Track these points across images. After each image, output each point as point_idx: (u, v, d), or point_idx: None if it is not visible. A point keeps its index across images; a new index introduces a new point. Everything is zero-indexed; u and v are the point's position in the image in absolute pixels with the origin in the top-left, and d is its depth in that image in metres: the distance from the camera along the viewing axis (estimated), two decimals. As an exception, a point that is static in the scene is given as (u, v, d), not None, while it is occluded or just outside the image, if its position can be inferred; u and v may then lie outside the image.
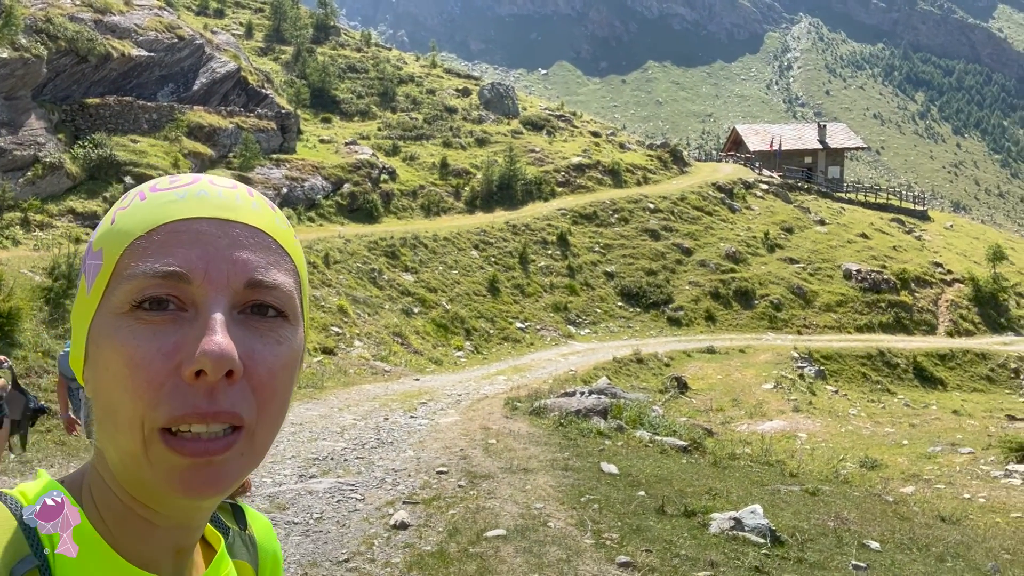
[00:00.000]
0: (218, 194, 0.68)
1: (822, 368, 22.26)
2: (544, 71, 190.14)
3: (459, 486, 7.01)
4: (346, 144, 32.98)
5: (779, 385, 18.75)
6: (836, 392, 20.51)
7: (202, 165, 24.77)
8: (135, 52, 25.97)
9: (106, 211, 0.85)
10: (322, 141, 33.30)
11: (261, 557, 0.85)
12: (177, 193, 0.67)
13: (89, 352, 0.66)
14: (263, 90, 32.76)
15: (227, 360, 0.60)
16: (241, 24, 46.02)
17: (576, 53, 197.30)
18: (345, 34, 52.80)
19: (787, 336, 26.51)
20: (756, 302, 28.90)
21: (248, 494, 0.84)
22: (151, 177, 17.88)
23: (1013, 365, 24.62)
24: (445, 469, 7.66)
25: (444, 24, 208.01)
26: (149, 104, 25.37)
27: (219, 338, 0.60)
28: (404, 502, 6.51)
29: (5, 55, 19.03)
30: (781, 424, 15.41)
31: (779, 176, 44.94)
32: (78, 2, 25.49)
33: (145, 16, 27.96)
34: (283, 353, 0.66)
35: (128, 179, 21.21)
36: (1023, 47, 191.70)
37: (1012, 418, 16.59)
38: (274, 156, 28.30)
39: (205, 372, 0.60)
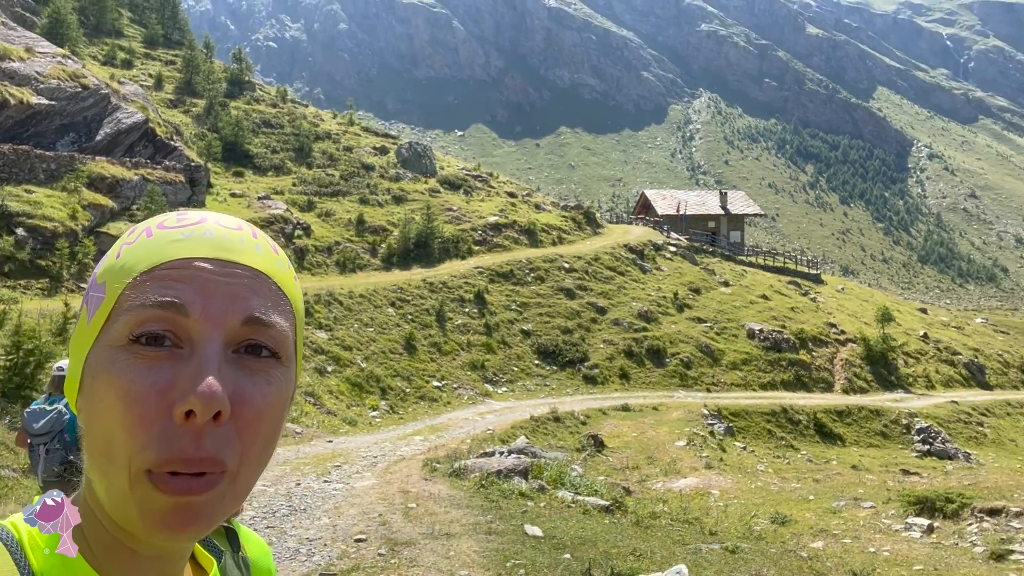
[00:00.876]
0: (223, 236, 0.69)
1: (731, 425, 22.90)
2: (460, 132, 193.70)
3: (379, 554, 6.71)
4: (259, 199, 32.30)
5: (691, 442, 19.12)
6: (744, 448, 21.08)
7: (102, 217, 23.63)
8: (35, 100, 24.83)
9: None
10: (233, 195, 32.49)
11: None
12: (183, 232, 0.68)
13: (84, 382, 0.66)
14: (172, 142, 31.84)
15: (216, 403, 0.62)
16: (151, 75, 44.89)
17: (492, 116, 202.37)
18: (260, 89, 52.32)
19: (697, 393, 27.22)
20: (667, 360, 29.67)
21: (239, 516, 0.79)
22: (45, 229, 16.72)
23: (904, 421, 26.09)
24: (363, 537, 7.34)
25: (361, 83, 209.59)
26: (47, 153, 24.16)
27: (211, 380, 0.62)
28: (321, 574, 6.17)
29: None
30: (695, 481, 15.66)
31: (686, 239, 46.95)
32: (-27, 45, 24.30)
33: (47, 64, 26.88)
34: (271, 393, 0.67)
35: (20, 231, 19.94)
36: (900, 125, 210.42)
37: (907, 472, 17.48)
38: (182, 209, 27.33)
39: (194, 413, 0.62)
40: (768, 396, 27.75)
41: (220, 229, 0.69)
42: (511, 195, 46.11)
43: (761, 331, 32.67)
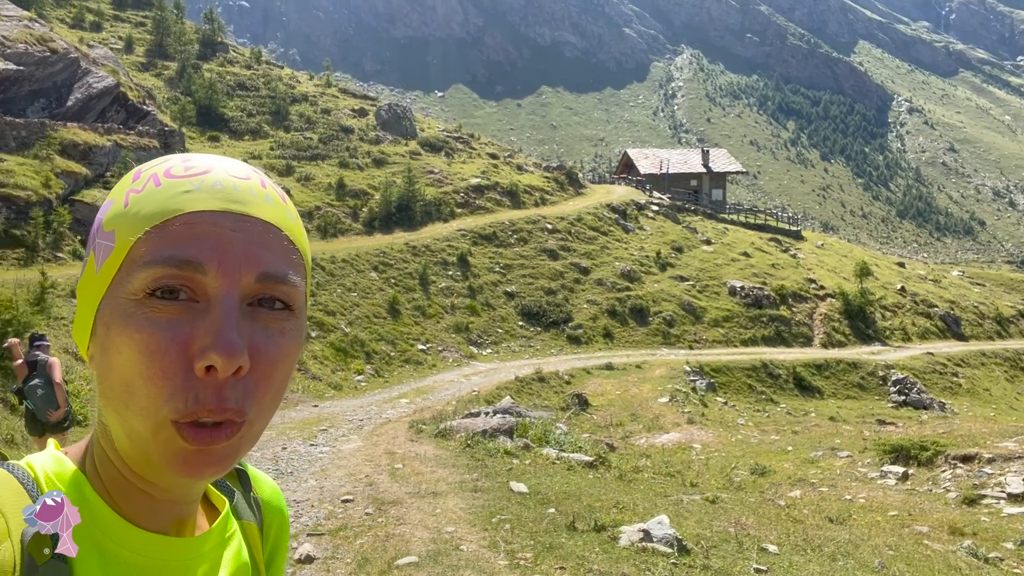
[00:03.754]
0: (233, 186, 0.70)
1: (712, 381, 23.26)
2: (440, 93, 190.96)
3: (366, 514, 6.82)
4: (236, 164, 31.81)
5: (674, 399, 19.42)
6: (725, 403, 21.46)
7: (76, 184, 23.21)
8: (2, 66, 24.14)
9: None
10: (210, 160, 31.96)
11: (267, 517, 0.89)
12: (192, 183, 0.68)
13: (98, 331, 0.68)
14: (144, 107, 31.17)
15: (236, 359, 0.64)
16: (120, 38, 43.68)
17: (472, 77, 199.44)
18: (234, 51, 51.11)
19: (680, 351, 27.56)
20: (650, 319, 29.92)
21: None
22: (18, 199, 16.38)
23: (881, 373, 26.62)
24: (350, 497, 7.44)
25: (337, 44, 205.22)
26: (17, 120, 23.58)
27: (231, 335, 0.64)
28: (308, 534, 6.27)
29: None
30: (677, 436, 15.95)
31: (668, 198, 46.95)
32: (-68, 8, 23.48)
33: (13, 28, 26.07)
34: (286, 345, 0.69)
35: (-9, 199, 19.56)
36: (881, 79, 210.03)
37: (882, 422, 17.90)
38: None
39: (215, 368, 0.63)
40: (749, 352, 28.15)
41: (230, 179, 0.70)
42: (493, 156, 45.75)
43: (742, 288, 32.98)
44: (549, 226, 34.34)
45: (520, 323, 27.69)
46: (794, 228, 48.82)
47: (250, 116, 40.64)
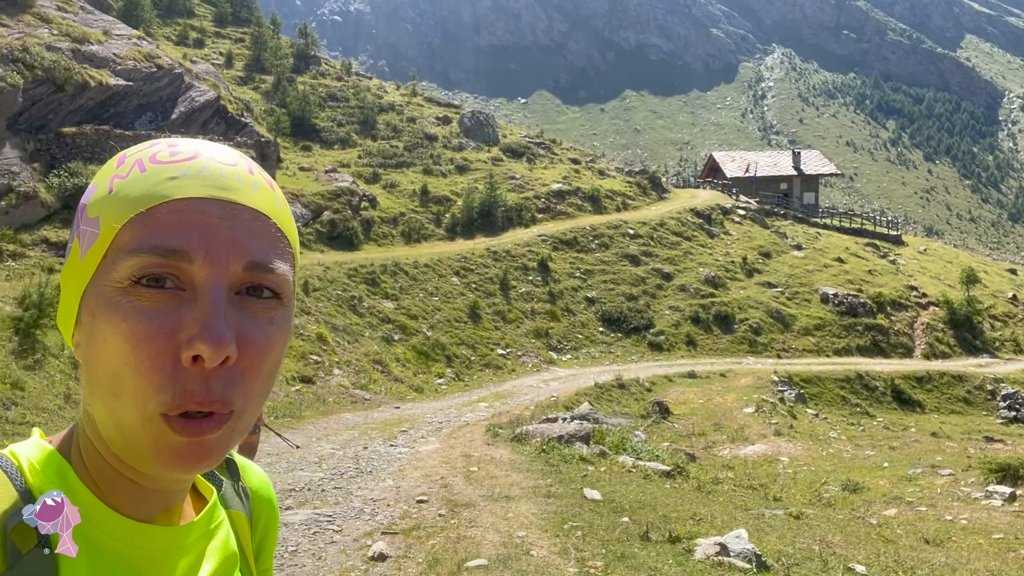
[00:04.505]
0: (220, 173, 0.68)
1: (802, 392, 22.33)
2: (523, 100, 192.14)
3: (439, 515, 6.88)
4: (326, 172, 32.95)
5: (760, 409, 18.75)
6: (816, 415, 20.55)
7: (180, 193, 24.57)
8: (113, 81, 25.86)
9: None
10: (302, 169, 33.25)
11: (255, 506, 0.88)
12: (179, 169, 0.67)
13: (82, 319, 0.67)
14: (243, 119, 32.72)
15: (224, 349, 0.63)
16: (221, 54, 46.09)
17: (555, 82, 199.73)
18: (325, 64, 53.06)
19: (767, 360, 26.62)
20: (736, 326, 29.04)
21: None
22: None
23: (989, 387, 24.87)
24: (425, 498, 7.53)
25: (424, 54, 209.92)
26: (127, 133, 25.20)
27: (218, 324, 0.63)
28: (383, 533, 6.37)
29: (-21, 83, 18.85)
30: (763, 448, 15.38)
31: (756, 202, 45.52)
32: (56, 32, 25.41)
33: (124, 46, 27.91)
34: (274, 334, 0.68)
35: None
36: (990, 75, 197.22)
37: (990, 439, 16.70)
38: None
39: (202, 358, 0.63)
40: (843, 362, 26.89)
41: (217, 165, 0.69)
42: (574, 162, 45.61)
43: (836, 295, 31.57)
44: (631, 231, 33.91)
45: (600, 329, 27.43)
46: (894, 232, 46.35)
47: (340, 126, 42.04)
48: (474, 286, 26.75)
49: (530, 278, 28.72)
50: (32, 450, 0.70)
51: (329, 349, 18.94)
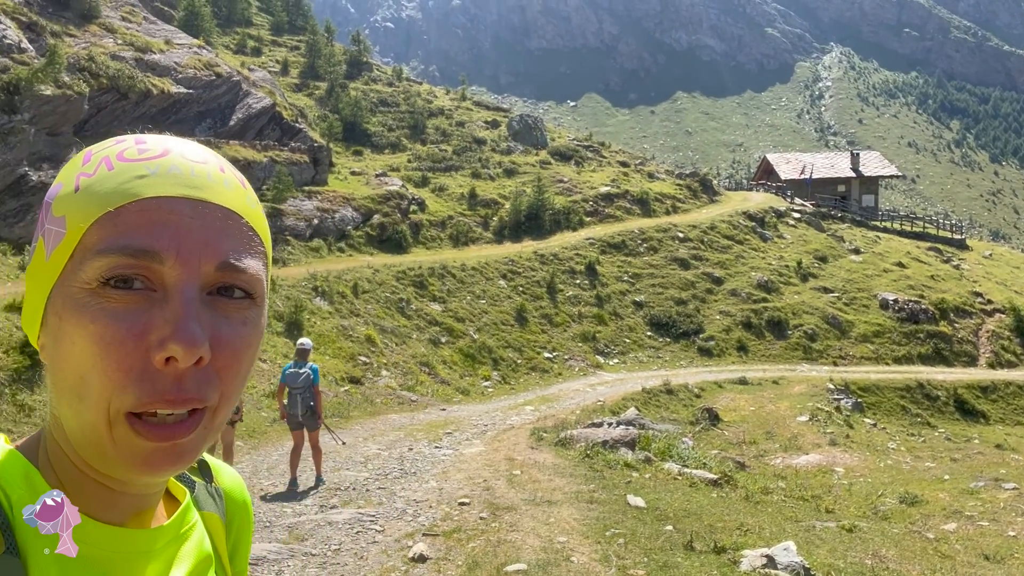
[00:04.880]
0: (190, 171, 0.67)
1: (859, 400, 21.64)
2: (573, 103, 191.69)
3: (481, 518, 6.87)
4: (376, 176, 33.42)
5: (815, 418, 18.23)
6: (874, 425, 19.89)
7: (236, 197, 25.24)
8: (174, 89, 26.74)
9: None
10: (353, 173, 33.79)
11: (229, 508, 0.86)
12: (148, 167, 0.65)
13: (49, 321, 0.65)
14: (297, 124, 33.45)
15: (196, 350, 0.62)
16: (277, 62, 47.23)
17: (605, 85, 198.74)
18: (377, 70, 53.89)
19: (822, 367, 25.90)
20: (790, 332, 28.35)
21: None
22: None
23: (1060, 398, 23.68)
24: (467, 500, 7.53)
25: (474, 59, 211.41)
26: (187, 139, 25.99)
27: (191, 325, 0.62)
28: (424, 534, 6.39)
29: (49, 92, 19.71)
30: (817, 458, 14.94)
31: (812, 205, 44.40)
32: (120, 41, 26.41)
33: (184, 55, 28.85)
34: (247, 334, 0.67)
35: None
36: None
37: (1061, 453, 15.89)
38: (306, 188, 28.76)
39: (175, 359, 0.61)
40: (903, 370, 25.98)
41: (187, 163, 0.67)
42: (623, 164, 45.24)
43: (896, 301, 30.53)
44: (680, 234, 33.44)
45: (648, 333, 27.10)
46: (958, 236, 44.60)
47: (390, 131, 42.62)
48: (521, 289, 26.75)
49: (577, 281, 28.58)
50: None
51: (377, 350, 19.17)
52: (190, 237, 0.64)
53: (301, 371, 8.45)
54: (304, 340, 8.96)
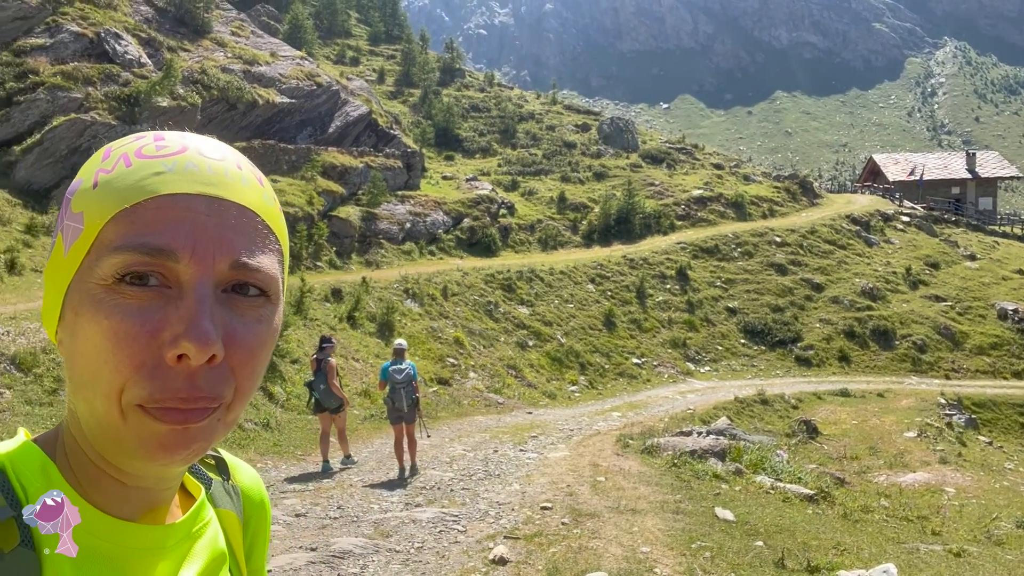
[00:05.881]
0: (208, 168, 0.66)
1: (973, 416, 20.22)
2: (666, 105, 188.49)
3: (563, 523, 6.80)
4: (467, 180, 33.92)
5: (923, 434, 17.15)
6: (990, 443, 18.52)
7: (333, 202, 26.21)
8: (278, 99, 28.04)
9: None
10: (444, 178, 34.43)
11: (246, 505, 0.86)
12: (165, 163, 0.65)
13: (66, 316, 0.66)
14: (391, 131, 34.39)
15: (210, 348, 0.62)
16: (374, 70, 48.78)
17: (699, 86, 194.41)
18: (470, 76, 54.76)
19: (933, 380, 24.35)
20: (897, 343, 26.80)
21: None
22: (288, 215, 18.90)
23: None
24: (550, 505, 7.48)
25: (566, 62, 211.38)
26: (289, 147, 27.22)
27: (204, 323, 0.62)
28: (505, 536, 6.39)
29: (165, 104, 21.07)
30: (925, 476, 14.03)
31: (923, 208, 41.89)
32: (230, 55, 27.93)
33: (288, 66, 30.21)
34: (262, 332, 0.67)
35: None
36: None
37: None
38: (399, 193, 29.51)
39: (187, 356, 0.62)
40: (1022, 385, 24.07)
41: (204, 160, 0.67)
42: (717, 167, 44.09)
43: (1016, 311, 28.37)
44: (777, 239, 32.24)
45: (742, 341, 26.25)
46: (1089, 242, 40.96)
47: (481, 136, 43.18)
48: (610, 294, 26.48)
49: (668, 286, 28.03)
50: (15, 448, 0.70)
51: (465, 353, 19.41)
52: (205, 235, 0.64)
53: (403, 367, 9.10)
54: (400, 340, 9.63)
